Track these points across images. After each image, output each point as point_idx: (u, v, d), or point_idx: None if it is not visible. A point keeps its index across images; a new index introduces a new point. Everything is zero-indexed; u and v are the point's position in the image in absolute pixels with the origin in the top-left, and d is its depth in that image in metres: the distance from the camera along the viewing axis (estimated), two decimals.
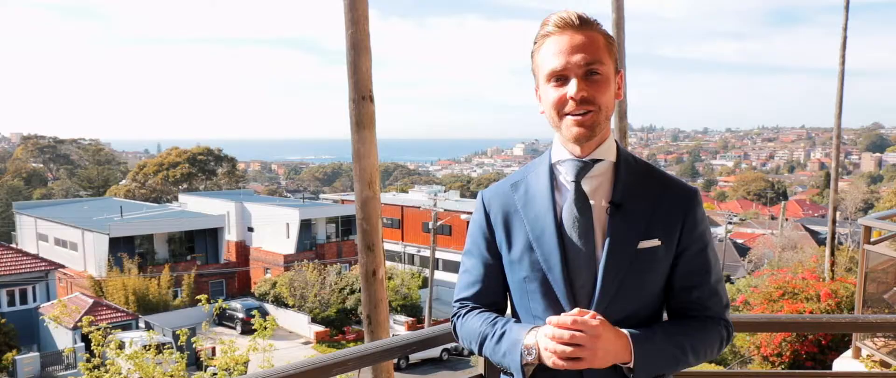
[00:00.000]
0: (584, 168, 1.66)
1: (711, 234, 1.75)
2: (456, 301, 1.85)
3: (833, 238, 12.95)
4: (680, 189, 1.69)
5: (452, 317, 1.86)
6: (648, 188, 1.67)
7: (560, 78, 1.60)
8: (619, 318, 1.60)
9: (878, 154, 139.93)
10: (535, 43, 1.66)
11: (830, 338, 9.34)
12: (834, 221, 13.27)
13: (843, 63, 13.05)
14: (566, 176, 1.68)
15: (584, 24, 1.60)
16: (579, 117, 1.59)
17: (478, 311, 1.78)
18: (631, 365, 1.55)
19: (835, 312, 9.64)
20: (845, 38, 13.01)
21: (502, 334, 1.66)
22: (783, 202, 50.56)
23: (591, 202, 1.65)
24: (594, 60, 1.58)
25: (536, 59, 1.66)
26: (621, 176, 1.67)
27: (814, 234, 44.40)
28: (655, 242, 1.63)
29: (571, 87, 1.58)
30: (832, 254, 12.73)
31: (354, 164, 3.93)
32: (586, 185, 1.66)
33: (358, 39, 3.87)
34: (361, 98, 3.87)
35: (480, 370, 2.10)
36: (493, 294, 1.78)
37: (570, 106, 1.59)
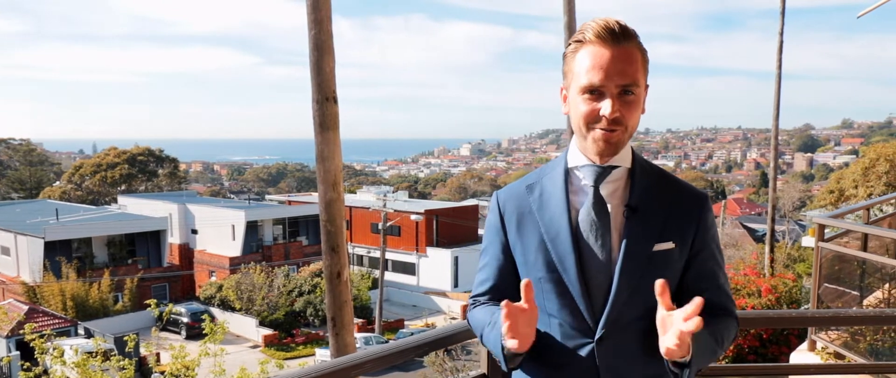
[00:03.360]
0: (602, 173, 1.70)
1: (719, 236, 1.83)
2: (471, 298, 1.92)
3: (772, 236, 13.46)
4: (692, 193, 1.76)
5: (468, 312, 1.95)
6: (662, 192, 1.73)
7: (595, 92, 1.62)
8: (633, 316, 1.66)
9: (809, 154, 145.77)
10: (570, 46, 1.68)
11: (771, 332, 9.70)
12: (773, 220, 13.77)
13: (780, 66, 13.55)
14: (585, 180, 1.72)
15: (625, 38, 1.62)
16: (607, 133, 1.63)
17: (487, 305, 1.84)
18: (688, 358, 1.57)
19: (775, 308, 10.02)
20: (781, 42, 13.51)
21: (494, 322, 1.72)
22: (723, 201, 52.22)
23: (608, 205, 1.71)
24: (632, 82, 1.61)
25: (571, 65, 1.67)
26: (637, 181, 1.72)
27: (751, 231, 46.12)
28: (670, 245, 1.69)
29: (606, 107, 1.61)
30: (771, 251, 13.23)
31: (318, 165, 3.90)
32: (603, 190, 1.71)
33: (321, 40, 3.84)
34: (325, 99, 3.84)
35: (484, 370, 2.12)
36: (505, 291, 1.82)
37: (602, 123, 1.63)
